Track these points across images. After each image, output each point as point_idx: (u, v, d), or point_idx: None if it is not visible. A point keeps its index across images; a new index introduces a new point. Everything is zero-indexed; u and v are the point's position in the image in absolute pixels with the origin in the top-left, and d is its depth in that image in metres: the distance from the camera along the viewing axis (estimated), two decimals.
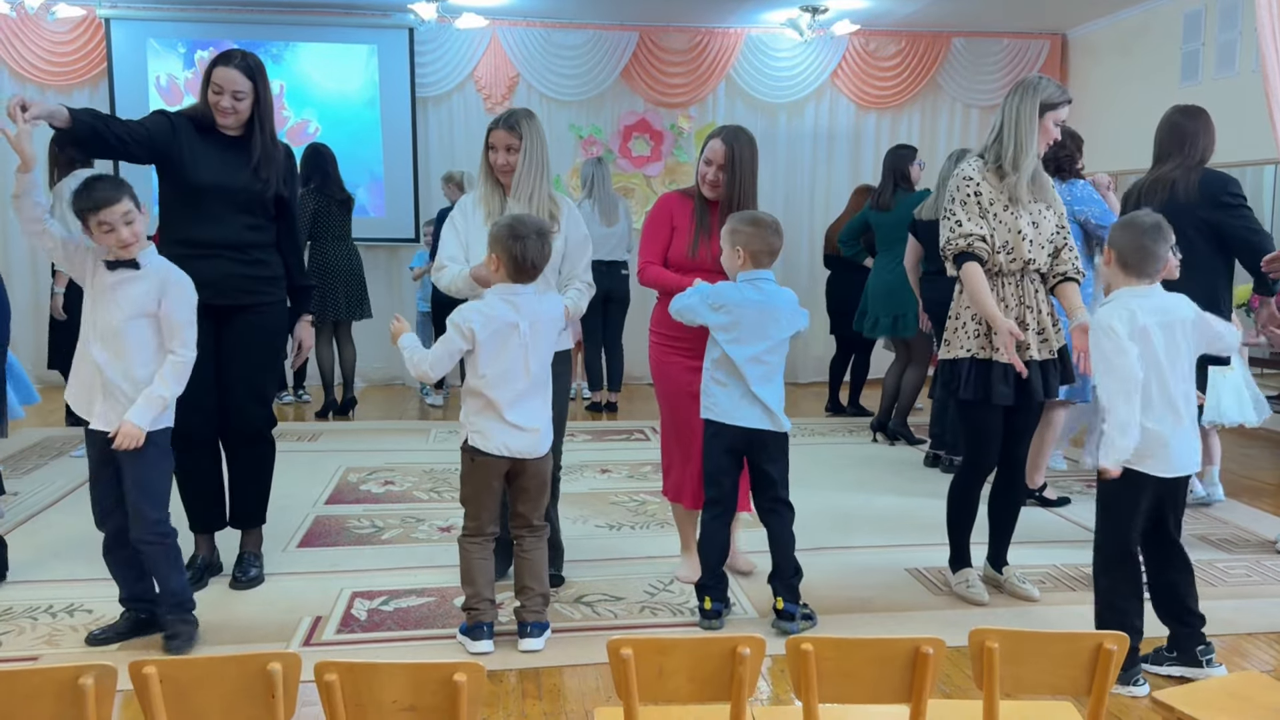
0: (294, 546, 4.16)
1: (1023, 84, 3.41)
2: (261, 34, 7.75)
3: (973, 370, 3.37)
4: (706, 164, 3.58)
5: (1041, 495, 4.76)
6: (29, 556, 3.98)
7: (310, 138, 7.79)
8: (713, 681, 1.76)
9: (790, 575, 3.31)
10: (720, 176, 3.55)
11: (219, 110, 3.44)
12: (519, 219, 3.07)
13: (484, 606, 3.13)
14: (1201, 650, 2.94)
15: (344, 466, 5.45)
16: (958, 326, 3.44)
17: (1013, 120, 3.37)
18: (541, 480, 3.17)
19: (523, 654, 3.12)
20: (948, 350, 3.46)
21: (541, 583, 3.20)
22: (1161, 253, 2.82)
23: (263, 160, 3.50)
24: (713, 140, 3.58)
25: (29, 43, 7.57)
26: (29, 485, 5.02)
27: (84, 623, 3.35)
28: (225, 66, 3.43)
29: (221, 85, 3.41)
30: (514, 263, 3.01)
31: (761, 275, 3.26)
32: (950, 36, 8.37)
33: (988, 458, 3.53)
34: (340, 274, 6.68)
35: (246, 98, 3.45)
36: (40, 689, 1.62)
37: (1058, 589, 3.76)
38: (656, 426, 6.59)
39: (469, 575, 3.15)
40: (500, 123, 3.45)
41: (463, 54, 8.02)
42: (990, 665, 1.78)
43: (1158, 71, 7.23)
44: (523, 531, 3.20)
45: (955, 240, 3.37)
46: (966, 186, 3.38)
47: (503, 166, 3.44)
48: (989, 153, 3.43)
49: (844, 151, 8.50)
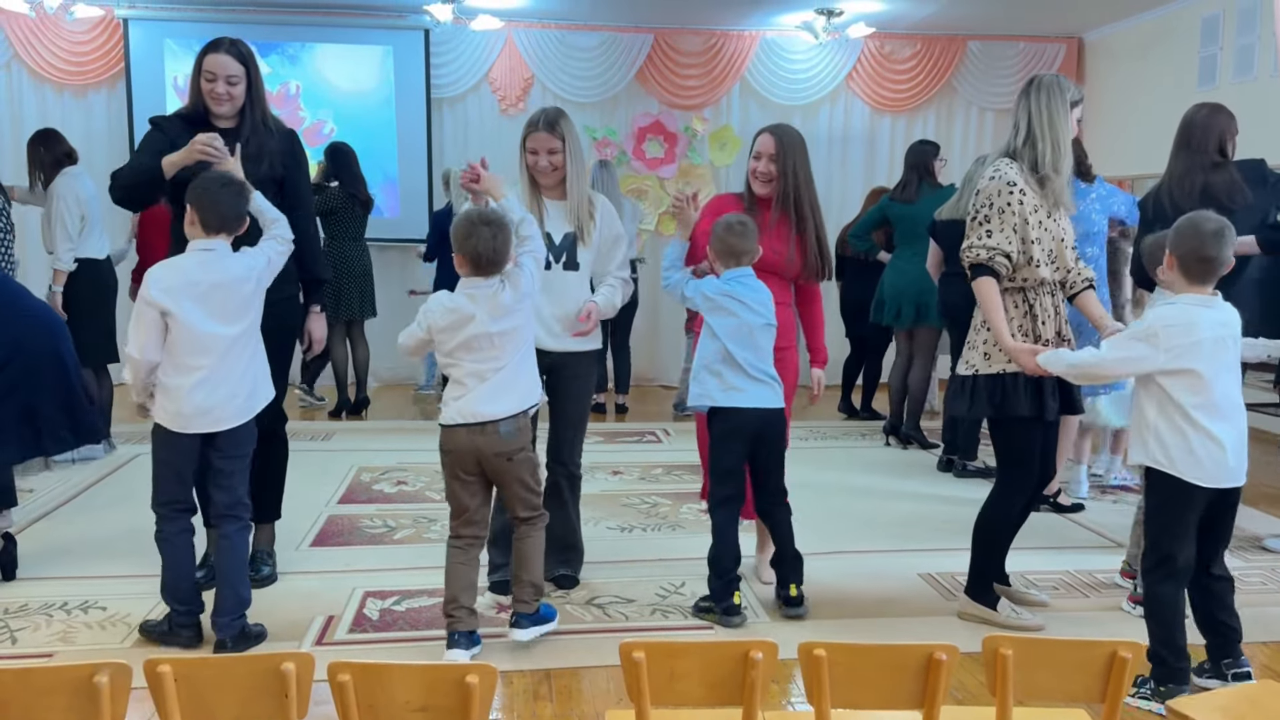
0: (306, 545, 4.17)
1: (1042, 82, 3.25)
2: (278, 34, 7.79)
3: (1028, 384, 3.20)
4: (756, 158, 3.58)
5: (1055, 501, 4.74)
6: (44, 553, 4.00)
7: (326, 138, 7.81)
8: (725, 685, 1.76)
9: (794, 556, 3.42)
10: (772, 168, 3.54)
11: (214, 98, 3.40)
12: (468, 215, 3.04)
13: (461, 615, 3.06)
14: (1227, 663, 2.88)
15: (356, 466, 5.47)
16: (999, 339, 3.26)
17: (1045, 122, 3.21)
18: (514, 475, 3.08)
19: (518, 648, 3.13)
20: (988, 364, 3.24)
21: (531, 573, 3.13)
22: (1226, 257, 2.76)
23: (255, 146, 3.43)
24: (761, 135, 3.59)
25: (48, 42, 7.62)
26: (44, 482, 5.05)
27: (98, 619, 3.37)
28: (216, 53, 3.39)
29: (214, 72, 3.38)
30: (470, 258, 3.01)
31: (740, 274, 3.37)
32: (966, 40, 8.34)
33: (1031, 478, 3.33)
34: (355, 274, 6.71)
35: (240, 82, 3.42)
36: (56, 685, 1.63)
37: (1071, 595, 3.73)
38: (668, 428, 6.62)
39: (448, 580, 3.08)
40: (540, 125, 3.41)
41: (478, 55, 8.04)
42: (1004, 672, 1.77)
43: (1175, 75, 7.20)
44: (516, 522, 3.17)
45: (977, 249, 3.19)
46: (1010, 194, 3.18)
47: (545, 169, 3.42)
48: (1022, 157, 3.24)
49: (858, 154, 8.48)
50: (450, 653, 3.04)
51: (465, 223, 3.01)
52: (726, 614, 3.33)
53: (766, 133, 3.59)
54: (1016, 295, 3.28)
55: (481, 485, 3.12)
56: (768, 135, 3.58)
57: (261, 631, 3.21)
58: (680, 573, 3.87)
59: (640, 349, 7.96)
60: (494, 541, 3.46)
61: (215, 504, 3.17)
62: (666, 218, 8.33)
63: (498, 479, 3.11)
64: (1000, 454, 3.42)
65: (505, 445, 3.03)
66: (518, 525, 3.16)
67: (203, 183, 3.07)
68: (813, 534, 3.39)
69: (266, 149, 3.49)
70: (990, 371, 3.24)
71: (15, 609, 3.45)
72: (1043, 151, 3.21)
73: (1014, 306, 3.26)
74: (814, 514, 3.43)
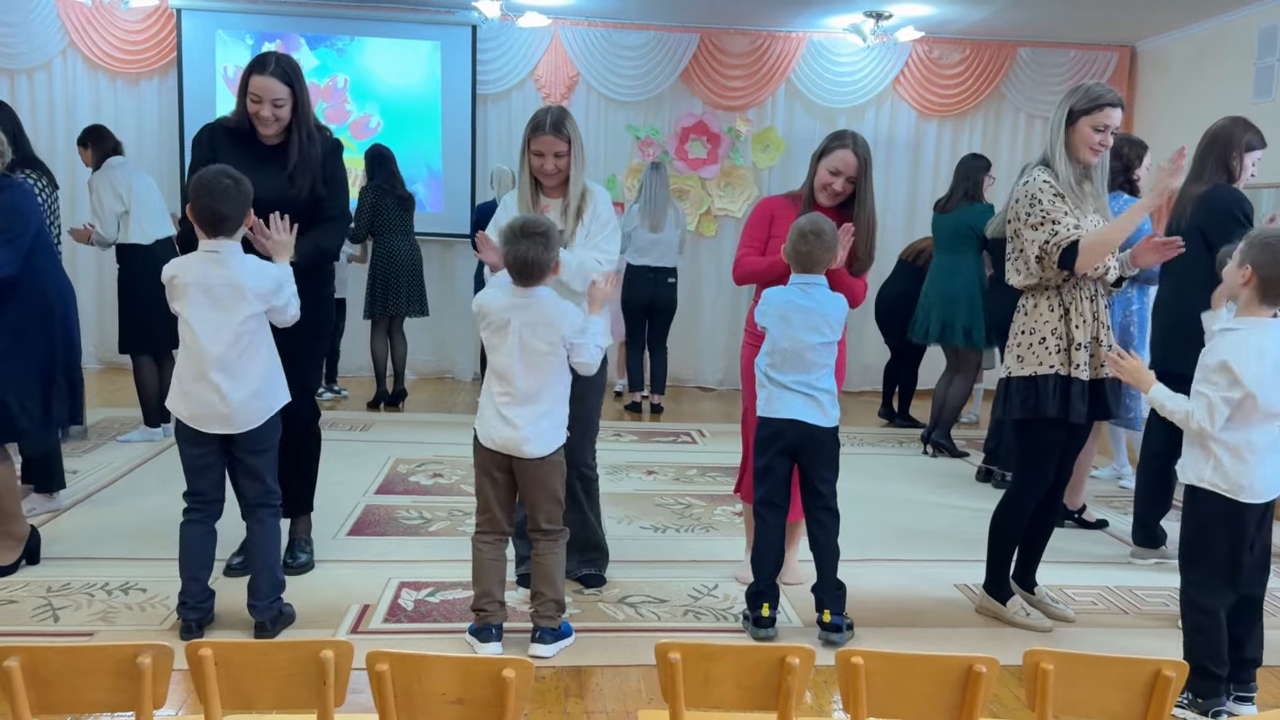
0: (344, 534, 4.21)
1: (1065, 92, 3.36)
2: (327, 28, 7.86)
3: (1058, 387, 3.25)
4: (833, 174, 3.45)
5: (1080, 517, 4.69)
6: (87, 533, 4.07)
7: (372, 132, 7.90)
8: (760, 690, 1.75)
9: (836, 586, 3.28)
10: (849, 189, 3.45)
11: (260, 120, 3.39)
12: (513, 223, 3.04)
13: (492, 608, 3.10)
14: (1234, 685, 2.86)
15: (394, 457, 5.51)
16: (1033, 343, 3.29)
17: (1047, 129, 3.38)
18: (540, 483, 3.09)
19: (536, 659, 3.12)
20: (1022, 366, 3.30)
21: (554, 589, 3.13)
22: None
23: (299, 166, 3.44)
24: (840, 151, 3.44)
25: (103, 31, 7.74)
26: (88, 464, 5.13)
27: (137, 601, 3.42)
28: (261, 75, 3.36)
29: (260, 94, 3.36)
30: (510, 265, 3.03)
31: (811, 280, 3.26)
32: (1016, 46, 8.24)
33: (1045, 479, 3.40)
34: (404, 269, 6.77)
35: (286, 104, 3.40)
36: (99, 664, 1.65)
37: (1110, 611, 3.69)
38: (704, 429, 6.61)
39: (477, 574, 3.12)
40: (546, 127, 3.34)
41: (524, 52, 8.07)
42: (1044, 687, 1.74)
43: (1229, 86, 7.07)
44: (536, 535, 3.16)
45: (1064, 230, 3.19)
46: (1049, 188, 3.25)
47: (550, 172, 3.37)
48: (1050, 164, 3.34)
49: (903, 159, 8.42)
50: (487, 646, 3.08)
51: (508, 229, 3.04)
52: (756, 625, 3.29)
53: (848, 150, 3.43)
54: (1052, 296, 3.30)
55: (508, 488, 3.13)
56: (850, 154, 3.43)
57: (292, 612, 3.28)
58: (713, 574, 3.86)
59: (679, 350, 7.95)
60: (520, 534, 3.43)
61: (244, 496, 3.21)
62: (707, 218, 8.32)
63: (526, 482, 3.11)
64: (1019, 454, 3.47)
65: None
66: (538, 540, 3.15)
67: (198, 185, 3.03)
68: (849, 541, 3.34)
69: (312, 165, 3.47)
70: (1023, 374, 3.30)
71: (58, 588, 3.51)
72: (1049, 158, 3.30)
73: (1049, 310, 3.29)
74: (850, 521, 3.39)
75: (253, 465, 3.15)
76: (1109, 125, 3.24)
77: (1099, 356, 3.28)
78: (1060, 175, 3.27)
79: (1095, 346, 3.29)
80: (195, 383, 3.04)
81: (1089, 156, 3.28)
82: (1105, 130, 3.24)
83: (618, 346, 7.32)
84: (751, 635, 3.28)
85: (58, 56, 7.79)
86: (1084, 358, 3.26)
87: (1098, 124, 3.23)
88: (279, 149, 3.47)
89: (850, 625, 3.31)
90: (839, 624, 3.25)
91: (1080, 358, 3.25)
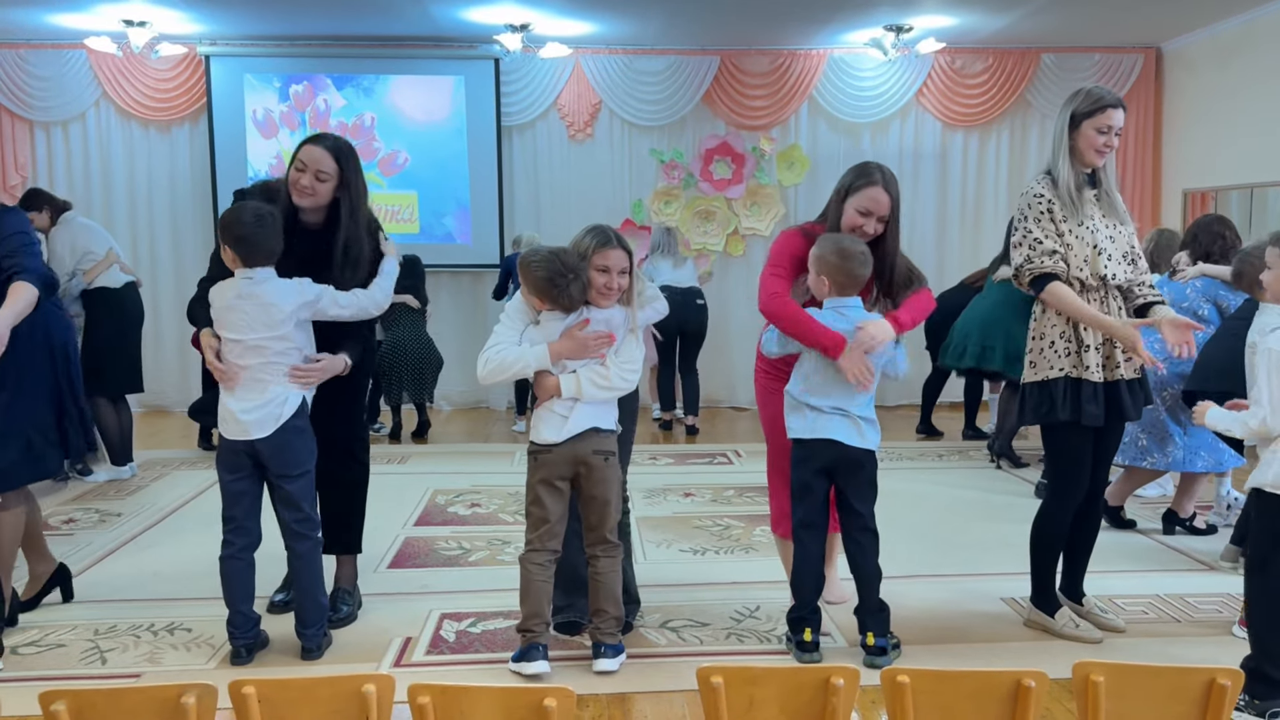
0: (384, 567, 4.23)
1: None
2: (353, 67, 7.98)
3: (1067, 390, 3.27)
4: (863, 214, 3.24)
5: (1191, 524, 4.67)
6: (133, 575, 4.12)
7: (400, 168, 8.01)
8: (805, 713, 1.73)
9: (878, 609, 3.24)
10: (879, 229, 3.28)
11: (298, 189, 3.32)
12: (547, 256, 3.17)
13: (540, 628, 3.14)
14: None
15: (431, 489, 5.53)
16: (1043, 347, 3.32)
17: (1051, 135, 3.41)
18: (605, 485, 3.17)
19: (599, 675, 3.13)
20: (1034, 372, 3.32)
21: (615, 605, 3.19)
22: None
23: (345, 263, 3.36)
24: (870, 189, 3.23)
25: (135, 80, 7.90)
26: (131, 506, 5.19)
27: (183, 641, 3.44)
28: (313, 145, 3.35)
29: (305, 163, 3.31)
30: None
31: (848, 303, 3.22)
32: (1039, 52, 8.20)
33: (1078, 485, 3.38)
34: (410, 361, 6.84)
35: (329, 180, 3.33)
36: (144, 706, 1.67)
37: (1161, 619, 3.61)
38: (740, 449, 6.58)
39: (526, 593, 3.16)
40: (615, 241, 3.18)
41: (546, 83, 8.14)
42: (1095, 699, 1.71)
43: (1258, 85, 6.98)
44: (596, 550, 3.20)
45: (1038, 259, 3.25)
46: (1039, 204, 3.27)
47: (615, 289, 3.20)
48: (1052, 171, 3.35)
49: (930, 171, 8.38)
50: (534, 665, 3.09)
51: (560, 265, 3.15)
52: (800, 649, 3.25)
53: (879, 187, 3.23)
54: None
55: (567, 496, 3.20)
56: (881, 191, 3.23)
57: (330, 637, 3.40)
58: (755, 596, 3.83)
59: (711, 371, 7.94)
60: (557, 582, 3.30)
61: (284, 523, 3.27)
62: (734, 238, 8.32)
63: (588, 486, 3.17)
64: (1048, 461, 3.50)
65: (603, 444, 3.17)
66: (598, 557, 3.20)
67: (233, 219, 3.15)
68: (892, 556, 3.31)
69: (364, 257, 3.43)
70: (1035, 379, 3.32)
71: (105, 630, 3.55)
72: (1052, 163, 3.32)
73: (1058, 313, 3.30)
74: (893, 535, 3.37)
75: (288, 492, 3.23)
76: (1112, 126, 3.26)
77: (1114, 358, 3.27)
78: (1060, 183, 3.28)
79: (1109, 348, 3.28)
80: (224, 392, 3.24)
81: (1094, 159, 3.30)
82: (1109, 131, 3.27)
83: (648, 372, 7.32)
84: (796, 659, 3.25)
85: (91, 108, 7.97)
86: (1096, 359, 3.25)
87: (1100, 125, 3.25)
88: (324, 237, 3.38)
89: (897, 644, 3.26)
90: (883, 645, 3.20)
91: (1091, 359, 3.24)
